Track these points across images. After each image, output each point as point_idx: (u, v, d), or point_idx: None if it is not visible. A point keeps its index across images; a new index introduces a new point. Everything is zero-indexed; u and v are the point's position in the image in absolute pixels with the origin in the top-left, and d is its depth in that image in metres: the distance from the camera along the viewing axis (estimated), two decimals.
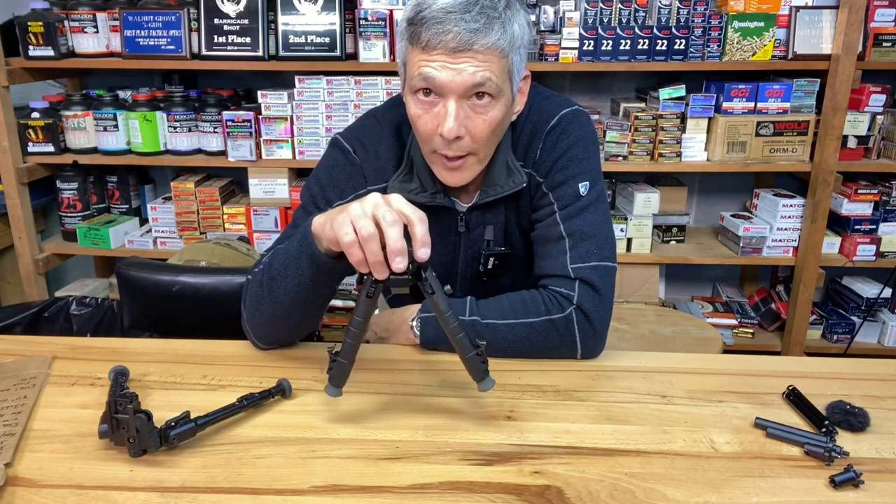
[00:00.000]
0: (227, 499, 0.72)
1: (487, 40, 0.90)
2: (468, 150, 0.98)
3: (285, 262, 0.93)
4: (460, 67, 0.91)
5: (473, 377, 0.84)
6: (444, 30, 0.90)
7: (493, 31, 0.90)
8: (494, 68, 0.92)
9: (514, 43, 0.94)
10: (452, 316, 0.81)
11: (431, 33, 0.90)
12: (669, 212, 2.46)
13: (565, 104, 1.08)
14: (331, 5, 2.23)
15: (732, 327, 2.50)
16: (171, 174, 2.69)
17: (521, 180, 1.06)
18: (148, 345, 1.09)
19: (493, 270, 1.14)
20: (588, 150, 1.06)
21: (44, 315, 1.52)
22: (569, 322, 1.00)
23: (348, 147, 1.10)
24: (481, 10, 0.90)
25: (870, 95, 2.28)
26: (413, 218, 0.77)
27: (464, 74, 0.91)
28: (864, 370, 1.01)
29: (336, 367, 0.83)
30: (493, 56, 0.92)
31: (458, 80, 0.92)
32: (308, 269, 0.90)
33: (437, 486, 0.74)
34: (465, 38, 0.90)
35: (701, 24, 2.19)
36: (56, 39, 2.26)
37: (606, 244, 1.04)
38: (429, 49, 0.92)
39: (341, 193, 1.08)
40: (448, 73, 0.92)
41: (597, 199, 1.05)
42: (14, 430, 0.82)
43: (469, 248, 1.15)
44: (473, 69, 0.91)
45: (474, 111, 0.95)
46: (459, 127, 0.94)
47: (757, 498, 0.73)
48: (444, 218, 1.11)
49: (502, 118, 0.98)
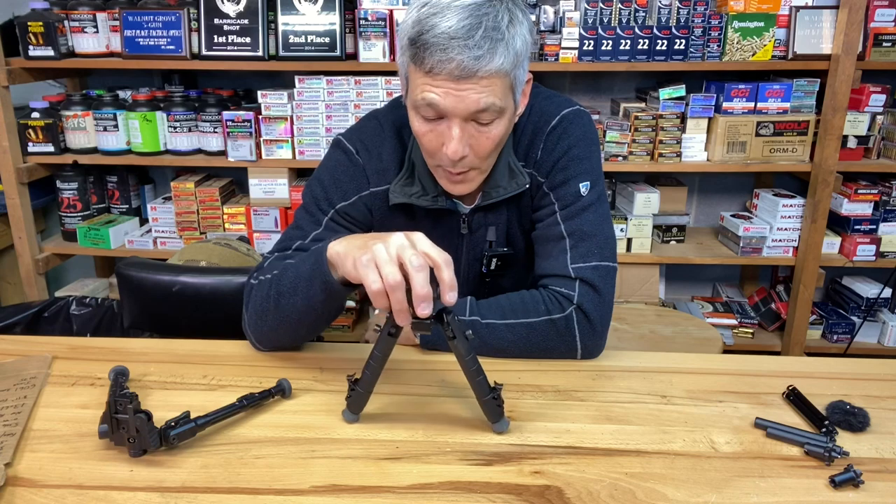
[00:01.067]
0: (227, 499, 0.72)
1: (491, 66, 0.88)
2: (471, 165, 0.99)
3: (295, 282, 0.92)
4: (463, 94, 0.90)
5: (489, 419, 0.84)
6: (447, 57, 0.88)
7: (496, 55, 0.88)
8: (498, 91, 0.91)
9: (518, 59, 0.92)
10: (472, 360, 0.81)
11: (434, 60, 0.88)
12: (669, 212, 2.46)
13: (566, 104, 1.08)
14: (331, 5, 2.23)
15: (732, 327, 2.50)
16: (171, 174, 2.70)
17: (524, 182, 1.06)
18: (148, 345, 1.09)
19: (496, 271, 1.14)
20: (589, 149, 1.07)
21: (44, 315, 1.52)
22: (569, 322, 1.00)
23: (351, 148, 1.10)
24: (485, 34, 0.87)
25: (870, 95, 2.28)
26: (440, 261, 0.76)
27: (467, 101, 0.90)
28: (864, 370, 1.01)
29: (354, 395, 0.85)
30: (496, 79, 0.90)
31: (461, 107, 0.91)
32: (320, 293, 0.89)
33: (437, 486, 0.74)
34: (469, 65, 0.88)
35: (701, 24, 2.19)
36: (56, 39, 2.26)
37: (607, 244, 1.04)
38: (432, 74, 0.90)
39: (344, 194, 1.08)
40: (452, 100, 0.91)
41: (597, 199, 1.06)
42: (14, 431, 0.82)
43: (472, 250, 1.15)
44: (477, 95, 0.90)
45: (478, 130, 0.95)
46: (464, 148, 0.95)
47: (757, 498, 0.73)
48: (447, 220, 1.11)
49: (506, 131, 0.98)
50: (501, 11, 0.90)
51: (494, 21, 0.89)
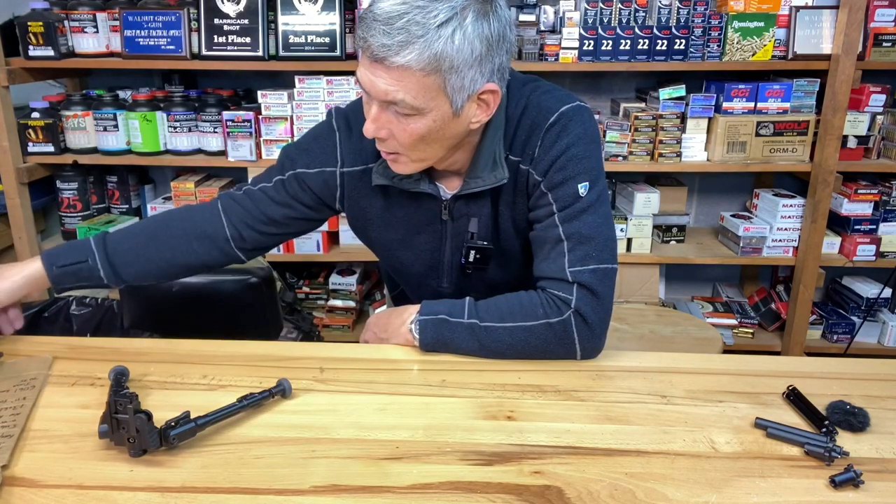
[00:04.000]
0: (227, 499, 0.72)
1: (399, 59, 0.86)
2: (395, 149, 0.98)
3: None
4: (375, 80, 0.90)
5: None
6: (365, 36, 0.88)
7: (406, 51, 0.86)
8: (410, 87, 0.89)
9: (447, 62, 0.87)
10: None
11: (359, 36, 0.90)
12: (669, 212, 2.46)
13: (566, 99, 1.05)
14: (331, 5, 2.23)
15: (732, 327, 2.50)
16: (171, 174, 2.69)
17: (503, 176, 1.04)
18: (148, 345, 1.09)
19: (475, 264, 1.13)
20: (588, 148, 1.03)
21: (44, 315, 1.52)
22: (566, 326, 1.00)
23: (335, 125, 1.11)
24: (404, 26, 0.85)
25: (870, 95, 2.28)
26: None
27: (377, 88, 0.90)
28: (864, 370, 1.01)
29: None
30: (408, 75, 0.88)
31: (373, 91, 0.91)
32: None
33: (437, 486, 0.74)
34: (378, 52, 0.87)
35: (701, 24, 2.19)
36: (56, 39, 2.25)
37: (606, 246, 1.03)
38: (361, 49, 0.91)
39: (308, 163, 1.10)
40: (366, 81, 0.91)
41: (597, 199, 1.03)
42: (12, 432, 0.82)
43: (454, 238, 1.13)
44: (385, 86, 0.89)
45: (397, 119, 0.94)
46: (377, 129, 0.95)
47: (757, 498, 0.73)
48: (429, 204, 1.10)
49: (430, 131, 0.94)
50: (443, 10, 0.86)
51: (424, 16, 0.85)
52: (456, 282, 1.16)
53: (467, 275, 1.16)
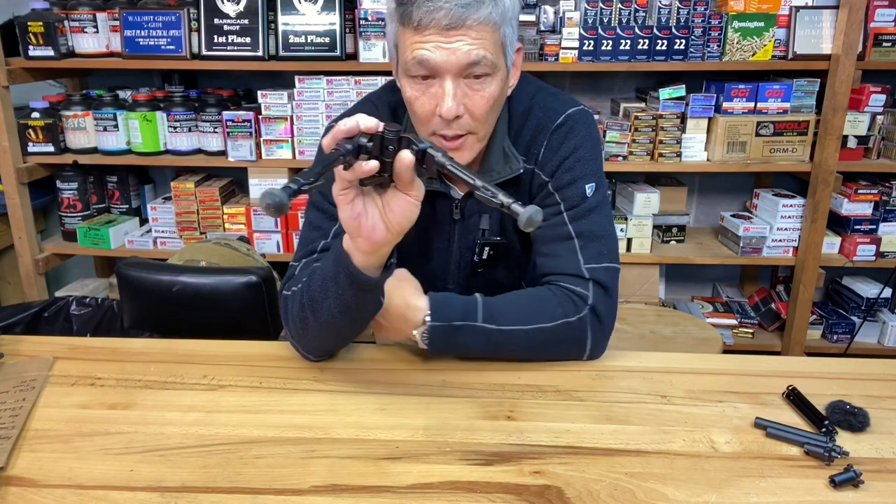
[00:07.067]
0: (227, 499, 0.72)
1: (479, 14, 0.89)
2: (468, 128, 0.97)
3: (324, 283, 0.91)
4: (455, 46, 0.90)
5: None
6: (435, 7, 0.88)
7: (484, 4, 0.89)
8: (488, 44, 0.91)
9: (506, 14, 0.92)
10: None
11: (422, 12, 0.89)
12: (669, 212, 2.46)
13: (571, 103, 1.07)
14: (331, 5, 2.23)
15: (732, 327, 2.50)
16: (171, 174, 2.69)
17: (518, 167, 1.05)
18: (148, 345, 1.09)
19: (488, 261, 1.12)
20: (594, 151, 1.06)
21: (44, 315, 1.52)
22: (582, 323, 0.99)
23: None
24: None
25: (870, 95, 2.28)
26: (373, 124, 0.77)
27: (458, 53, 0.90)
28: (864, 370, 1.01)
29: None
30: (486, 31, 0.90)
31: (452, 60, 0.90)
32: (349, 287, 0.87)
33: (437, 486, 0.74)
34: (458, 13, 0.88)
35: (701, 24, 2.19)
36: (56, 39, 2.25)
37: (613, 246, 1.04)
38: (421, 28, 0.90)
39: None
40: (443, 53, 0.90)
41: (602, 200, 1.05)
42: (10, 434, 0.82)
43: (464, 237, 1.13)
44: (468, 47, 0.90)
45: (472, 88, 0.94)
46: (458, 106, 0.93)
47: (757, 498, 0.73)
48: (439, 205, 1.10)
49: (500, 93, 0.97)
50: None
51: None
52: (462, 283, 1.16)
53: (473, 276, 1.16)
